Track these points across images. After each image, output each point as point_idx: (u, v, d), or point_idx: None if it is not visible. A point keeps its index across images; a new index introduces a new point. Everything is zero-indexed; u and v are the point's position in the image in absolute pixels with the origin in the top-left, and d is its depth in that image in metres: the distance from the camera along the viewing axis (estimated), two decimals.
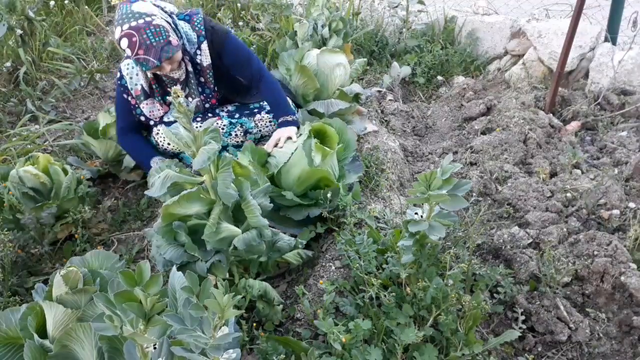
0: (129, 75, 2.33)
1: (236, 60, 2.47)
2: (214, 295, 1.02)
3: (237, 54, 2.47)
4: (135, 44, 2.08)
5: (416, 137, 3.50)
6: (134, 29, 2.08)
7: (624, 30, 3.64)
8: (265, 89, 2.53)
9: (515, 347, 1.83)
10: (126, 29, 2.08)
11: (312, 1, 3.76)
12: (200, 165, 1.53)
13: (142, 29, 2.08)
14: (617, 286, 1.92)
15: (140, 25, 2.08)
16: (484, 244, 2.23)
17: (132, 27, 2.08)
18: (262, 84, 2.52)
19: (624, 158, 2.75)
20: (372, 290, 1.68)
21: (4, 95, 3.71)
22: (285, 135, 2.35)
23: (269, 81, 2.53)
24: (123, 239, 2.52)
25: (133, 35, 2.07)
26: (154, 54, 2.11)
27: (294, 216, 2.23)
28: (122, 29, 2.09)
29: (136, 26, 2.08)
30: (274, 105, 2.52)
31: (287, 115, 2.44)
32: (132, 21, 2.08)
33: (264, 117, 2.61)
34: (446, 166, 1.54)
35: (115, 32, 2.11)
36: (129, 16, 2.09)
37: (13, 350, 1.43)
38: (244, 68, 2.50)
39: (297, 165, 2.19)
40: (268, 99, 2.55)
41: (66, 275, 1.34)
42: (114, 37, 2.15)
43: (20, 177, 2.28)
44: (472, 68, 4.23)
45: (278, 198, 2.23)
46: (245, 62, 2.49)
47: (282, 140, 2.33)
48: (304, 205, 2.24)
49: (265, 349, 1.60)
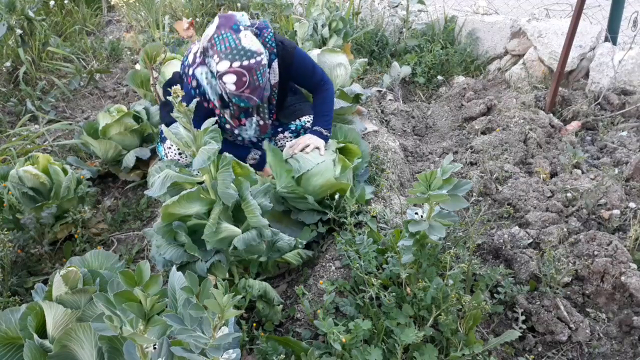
0: (208, 85, 2.23)
1: (302, 74, 2.47)
2: (214, 295, 1.01)
3: (304, 68, 2.46)
4: (243, 84, 2.05)
5: (416, 137, 3.50)
6: (245, 68, 2.02)
7: (624, 30, 3.65)
8: (319, 98, 2.53)
9: (515, 347, 1.83)
10: (237, 67, 2.02)
11: (312, 1, 3.76)
12: (200, 165, 1.53)
13: (253, 70, 2.04)
14: (618, 286, 1.92)
15: (252, 65, 2.03)
16: (484, 244, 2.23)
17: (243, 67, 2.02)
18: (320, 93, 2.53)
19: (624, 158, 2.75)
20: (372, 290, 1.68)
21: (4, 95, 3.71)
22: (314, 144, 2.36)
23: (328, 91, 2.54)
24: (123, 239, 2.52)
25: (244, 75, 2.03)
26: (258, 93, 2.11)
27: (306, 220, 2.27)
28: (231, 65, 2.02)
29: (248, 66, 2.03)
30: (319, 114, 2.52)
31: (324, 129, 2.46)
32: (243, 60, 2.02)
33: (286, 137, 2.61)
34: (446, 166, 1.54)
35: (219, 63, 2.03)
36: (240, 53, 2.02)
37: (13, 350, 1.43)
38: (307, 79, 2.51)
39: (322, 175, 2.25)
40: (317, 107, 2.55)
41: (66, 275, 1.34)
42: (213, 67, 2.07)
43: (20, 177, 2.28)
44: (472, 68, 4.23)
45: (294, 200, 2.27)
46: (309, 74, 2.49)
47: (310, 147, 2.35)
48: (318, 210, 2.30)
49: (265, 349, 1.60)
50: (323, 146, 2.37)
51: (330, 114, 2.53)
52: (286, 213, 2.34)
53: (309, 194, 2.23)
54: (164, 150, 2.48)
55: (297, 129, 2.59)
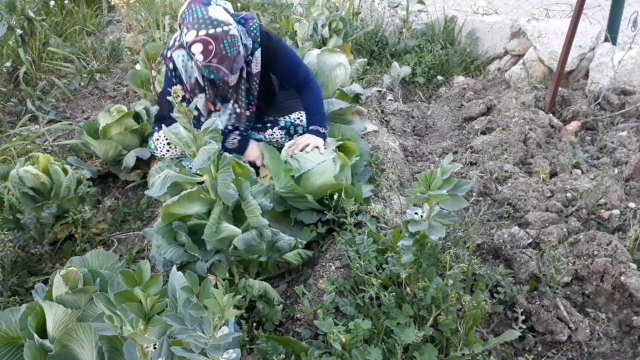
0: (183, 68, 2.25)
1: (287, 68, 2.46)
2: (214, 295, 1.01)
3: (288, 62, 2.45)
4: (210, 52, 2.04)
5: (416, 137, 3.50)
6: (211, 36, 2.02)
7: (624, 30, 3.65)
8: (307, 96, 2.53)
9: (515, 347, 1.83)
10: (203, 35, 2.02)
11: (312, 1, 3.77)
12: (200, 165, 1.53)
13: (219, 38, 2.03)
14: (617, 286, 1.92)
15: (218, 33, 2.03)
16: (484, 244, 2.23)
17: (209, 35, 2.02)
18: (306, 90, 2.52)
19: (624, 158, 2.75)
20: (372, 290, 1.68)
21: (4, 95, 3.71)
22: (313, 143, 2.36)
23: (314, 89, 2.53)
24: (123, 239, 2.52)
25: (209, 43, 2.03)
26: (226, 64, 2.10)
27: (306, 219, 2.27)
28: (197, 33, 2.02)
29: (214, 34, 2.02)
30: (312, 112, 2.52)
31: (320, 126, 2.46)
32: (209, 28, 2.02)
33: (275, 133, 2.61)
34: (446, 166, 1.54)
35: (187, 34, 2.04)
36: (207, 22, 2.03)
37: (13, 350, 1.43)
38: (293, 76, 2.50)
39: (321, 175, 2.25)
40: (307, 106, 2.55)
41: (66, 275, 1.34)
42: (184, 38, 2.07)
43: (20, 177, 2.28)
44: (472, 68, 4.23)
45: (293, 200, 2.27)
46: (295, 70, 2.48)
47: (310, 147, 2.35)
48: (317, 210, 2.30)
49: (265, 349, 1.60)
50: (322, 145, 2.37)
51: (322, 110, 2.52)
52: (286, 213, 2.34)
53: (309, 193, 2.23)
54: (154, 143, 2.51)
55: (286, 125, 2.59)
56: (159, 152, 2.53)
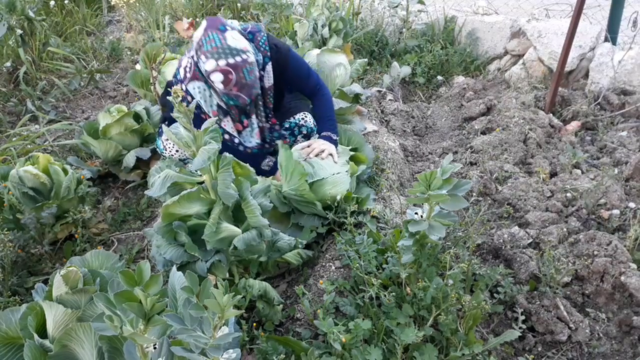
0: (202, 99, 2.27)
1: (297, 77, 2.49)
2: (214, 295, 1.01)
3: (298, 71, 2.47)
4: (230, 81, 2.06)
5: (416, 137, 3.50)
6: (231, 66, 2.04)
7: (624, 30, 3.65)
8: (319, 104, 2.56)
9: (515, 347, 1.83)
10: (223, 65, 2.04)
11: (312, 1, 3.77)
12: (200, 165, 1.53)
13: (239, 68, 2.05)
14: (617, 286, 1.92)
15: (237, 63, 2.05)
16: (484, 244, 2.23)
17: (229, 65, 2.04)
18: (317, 98, 2.55)
19: (624, 158, 2.75)
20: (372, 290, 1.68)
21: (4, 95, 3.71)
22: (328, 150, 2.38)
23: (325, 95, 2.56)
24: (123, 239, 2.52)
25: (229, 73, 2.05)
26: (246, 91, 2.12)
27: (307, 224, 2.28)
28: (217, 63, 2.04)
29: (234, 64, 2.05)
30: (323, 119, 2.54)
31: (332, 133, 2.48)
32: (229, 58, 2.04)
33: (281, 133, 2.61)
34: (446, 166, 1.54)
35: (206, 63, 2.06)
36: (226, 52, 2.04)
37: (13, 350, 1.43)
38: (303, 83, 2.52)
39: (336, 187, 2.27)
40: (318, 113, 2.58)
41: (66, 275, 1.34)
42: (203, 66, 2.08)
43: (20, 177, 2.28)
44: (472, 68, 4.23)
45: (299, 203, 2.27)
46: (305, 78, 2.51)
47: (325, 153, 2.36)
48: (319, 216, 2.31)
49: (265, 349, 1.60)
50: (335, 152, 2.40)
51: (333, 117, 2.56)
52: (287, 214, 2.34)
53: (319, 201, 2.23)
54: (162, 144, 2.50)
55: (291, 127, 2.59)
56: (167, 152, 2.53)
